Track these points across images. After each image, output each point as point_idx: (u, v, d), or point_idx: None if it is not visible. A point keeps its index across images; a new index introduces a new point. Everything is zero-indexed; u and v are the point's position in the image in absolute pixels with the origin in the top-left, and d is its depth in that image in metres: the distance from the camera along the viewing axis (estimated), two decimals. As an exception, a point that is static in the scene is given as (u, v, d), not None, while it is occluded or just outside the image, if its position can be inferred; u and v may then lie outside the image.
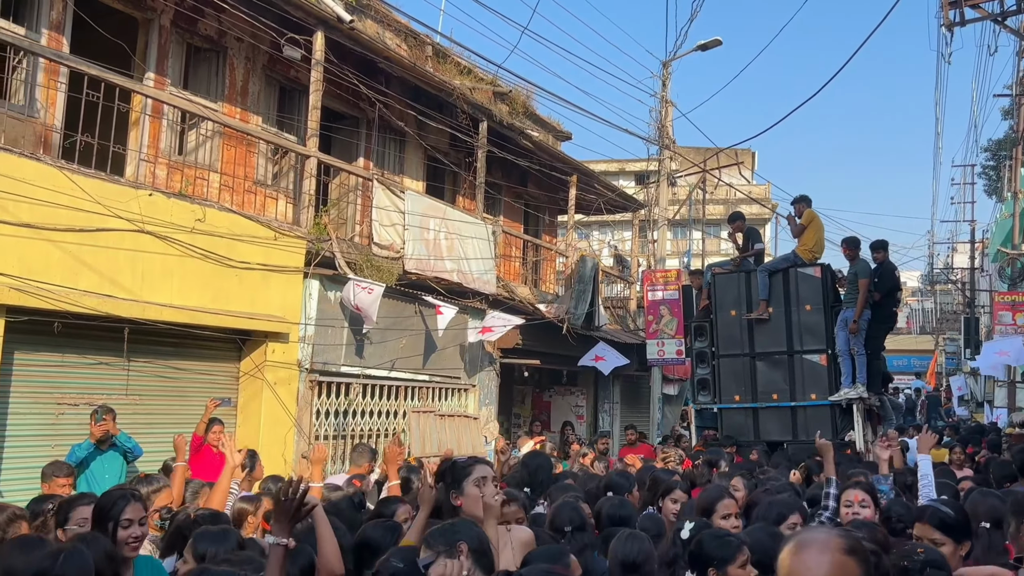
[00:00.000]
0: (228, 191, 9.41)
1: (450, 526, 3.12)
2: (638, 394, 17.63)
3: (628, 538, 3.56)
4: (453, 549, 2.95)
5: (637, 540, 3.54)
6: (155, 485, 5.60)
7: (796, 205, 10.87)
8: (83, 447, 6.74)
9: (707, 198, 26.35)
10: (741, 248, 11.42)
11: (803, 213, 10.60)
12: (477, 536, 3.10)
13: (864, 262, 10.04)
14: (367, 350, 10.17)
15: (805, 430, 9.78)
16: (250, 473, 6.83)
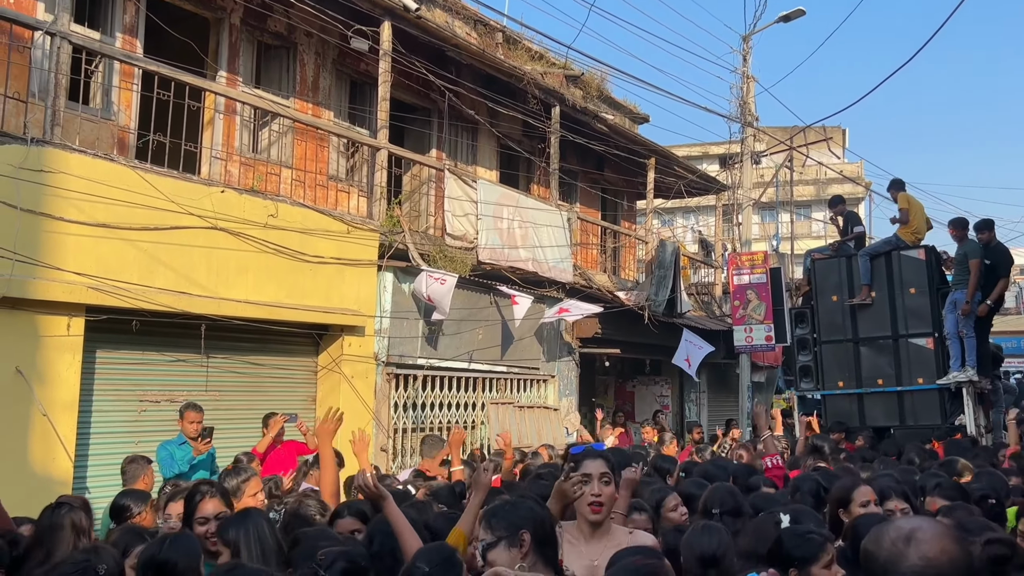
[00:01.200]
0: (301, 186, 9.42)
1: (513, 507, 2.82)
2: (726, 382, 17.08)
3: (704, 530, 3.22)
4: (515, 537, 2.70)
5: (715, 532, 3.22)
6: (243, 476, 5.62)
7: (891, 191, 10.78)
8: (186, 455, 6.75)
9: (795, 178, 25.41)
10: (841, 232, 11.25)
11: (898, 199, 10.45)
12: (544, 523, 2.81)
13: (974, 242, 9.79)
14: (442, 342, 10.07)
15: (913, 415, 9.82)
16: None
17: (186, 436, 6.93)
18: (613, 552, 2.97)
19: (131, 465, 5.91)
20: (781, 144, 17.64)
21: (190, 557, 3.01)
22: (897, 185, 10.77)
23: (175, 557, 2.97)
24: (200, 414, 7.03)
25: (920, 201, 10.74)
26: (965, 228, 9.93)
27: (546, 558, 2.75)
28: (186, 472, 6.78)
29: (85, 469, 6.97)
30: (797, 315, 11.15)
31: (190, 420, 6.91)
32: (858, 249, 10.72)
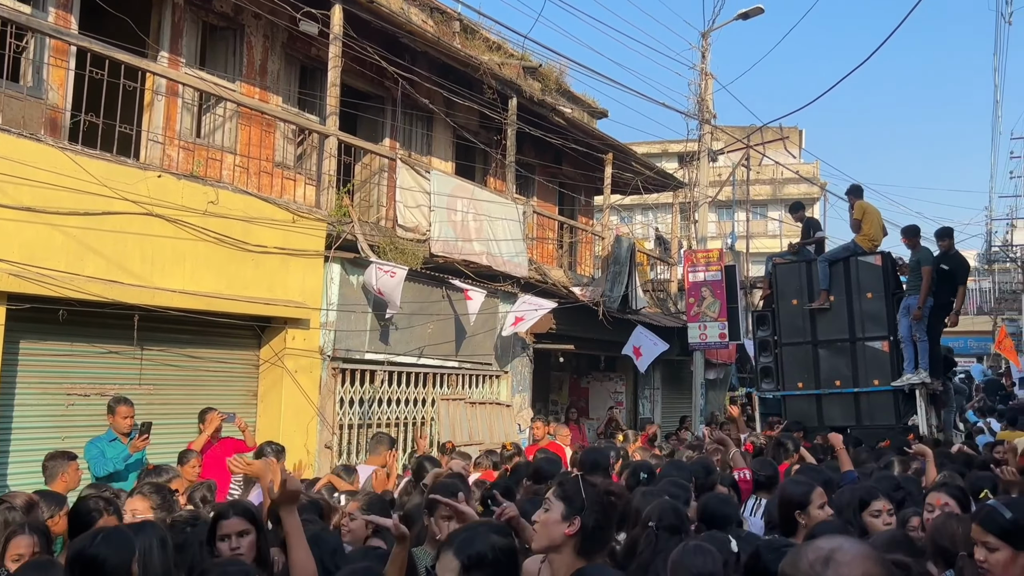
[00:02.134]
0: (245, 173, 9.08)
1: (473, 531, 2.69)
2: (680, 379, 17.07)
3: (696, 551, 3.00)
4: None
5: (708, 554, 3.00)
6: (166, 476, 5.34)
7: (848, 197, 11.05)
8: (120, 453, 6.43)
9: (752, 178, 25.53)
10: (802, 236, 11.58)
11: (854, 206, 10.73)
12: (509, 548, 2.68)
13: (927, 250, 10.14)
14: (392, 336, 9.81)
15: (869, 415, 10.05)
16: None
17: (117, 432, 6.61)
18: None
19: (51, 462, 5.57)
20: (738, 142, 17.64)
21: (122, 554, 2.82)
22: (855, 192, 11.00)
23: (105, 553, 2.79)
24: (132, 408, 6.72)
25: (876, 207, 10.97)
26: (917, 236, 10.22)
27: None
28: (121, 471, 6.48)
29: (6, 467, 6.62)
30: (759, 318, 11.41)
31: (122, 415, 6.59)
32: (818, 254, 10.96)
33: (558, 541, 2.77)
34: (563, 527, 2.75)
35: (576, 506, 2.77)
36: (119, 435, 6.61)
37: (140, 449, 6.50)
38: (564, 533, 2.75)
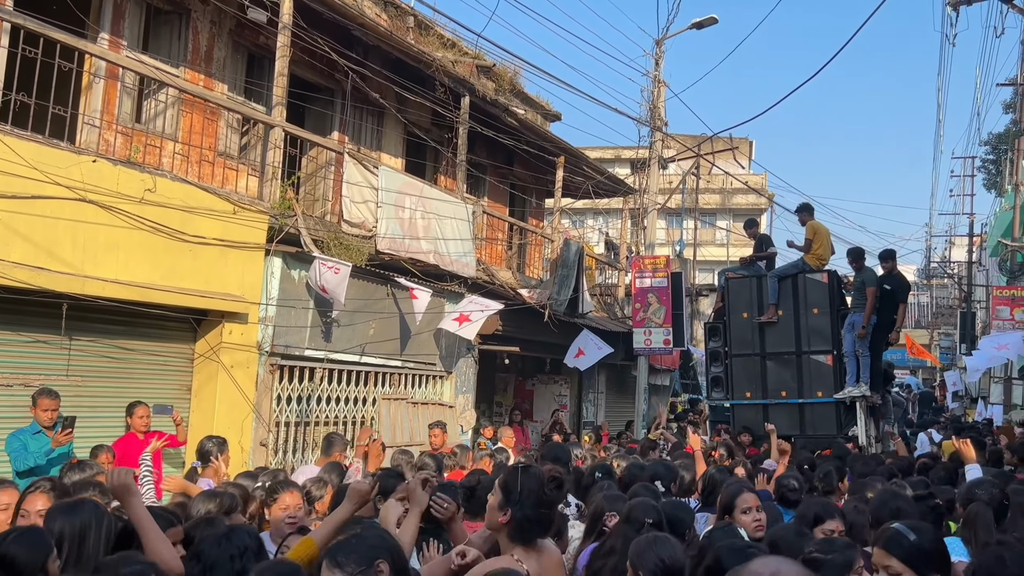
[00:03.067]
0: (186, 161, 8.83)
1: (361, 539, 2.60)
2: (624, 384, 17.15)
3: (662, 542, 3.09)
4: (371, 569, 2.47)
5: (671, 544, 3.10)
6: (89, 472, 5.13)
7: (799, 216, 11.45)
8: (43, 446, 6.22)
9: (702, 187, 25.81)
10: (754, 251, 12.10)
11: (806, 225, 11.21)
12: (397, 550, 2.63)
13: (871, 271, 10.72)
14: (335, 333, 9.64)
15: (812, 425, 10.51)
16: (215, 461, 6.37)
17: (40, 425, 6.38)
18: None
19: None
20: (689, 151, 17.82)
21: (35, 553, 2.76)
22: (806, 210, 11.42)
23: (16, 552, 2.73)
24: (56, 401, 6.48)
25: (825, 227, 11.46)
26: (862, 258, 10.85)
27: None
28: (43, 466, 6.24)
29: (-82, 459, 6.31)
30: (711, 329, 11.85)
31: (44, 408, 6.38)
32: (769, 269, 11.38)
33: (496, 527, 3.09)
34: (498, 515, 3.04)
35: (512, 498, 3.02)
36: (42, 428, 6.38)
37: (62, 444, 6.29)
38: (499, 521, 3.04)
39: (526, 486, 3.03)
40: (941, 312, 39.59)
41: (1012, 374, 19.73)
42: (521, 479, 3.05)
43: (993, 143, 34.68)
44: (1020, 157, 21.41)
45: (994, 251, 25.25)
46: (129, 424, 7.32)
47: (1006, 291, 19.37)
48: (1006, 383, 20.29)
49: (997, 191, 31.86)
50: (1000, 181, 29.47)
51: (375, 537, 2.65)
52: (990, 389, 22.40)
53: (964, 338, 25.52)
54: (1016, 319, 18.10)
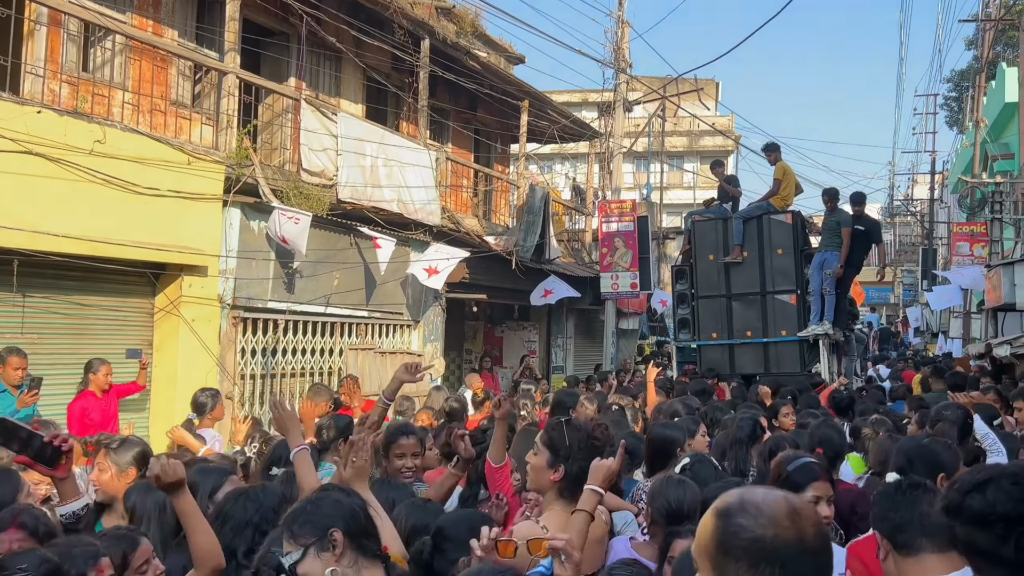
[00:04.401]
0: (137, 111, 8.55)
1: (315, 505, 2.43)
2: (592, 328, 17.26)
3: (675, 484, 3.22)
4: (325, 540, 2.32)
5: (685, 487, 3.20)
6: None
7: (767, 155, 11.50)
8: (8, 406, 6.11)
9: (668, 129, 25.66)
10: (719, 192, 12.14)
11: (776, 166, 11.27)
12: (356, 512, 2.42)
13: (845, 212, 10.84)
14: (298, 285, 9.54)
15: (776, 364, 10.64)
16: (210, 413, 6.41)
17: (7, 384, 6.32)
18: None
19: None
20: (654, 92, 17.67)
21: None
22: (774, 150, 11.50)
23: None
24: (24, 360, 6.43)
25: (792, 167, 11.58)
26: (836, 199, 10.98)
27: (367, 552, 2.38)
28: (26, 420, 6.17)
29: None
30: (677, 272, 11.84)
31: (14, 367, 6.32)
32: (735, 210, 11.42)
33: (545, 486, 2.95)
34: (548, 474, 2.91)
35: (562, 455, 2.91)
36: (9, 387, 6.32)
37: (28, 405, 6.22)
38: (550, 479, 2.91)
39: (574, 439, 2.93)
40: (904, 249, 40.15)
41: (971, 309, 20.13)
42: (568, 433, 2.95)
43: (955, 80, 34.84)
44: (981, 94, 21.53)
45: (955, 188, 25.56)
46: (90, 381, 7.20)
47: (966, 227, 19.66)
48: (965, 317, 20.70)
49: (959, 128, 32.10)
50: (962, 118, 29.67)
51: (329, 502, 2.44)
52: (950, 324, 22.86)
53: (925, 274, 25.92)
54: (975, 255, 18.43)
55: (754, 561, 1.40)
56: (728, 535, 1.45)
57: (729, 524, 1.45)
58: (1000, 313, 13.87)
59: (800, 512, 1.45)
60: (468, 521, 2.72)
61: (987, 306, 14.14)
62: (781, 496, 1.48)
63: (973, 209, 18.41)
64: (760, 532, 1.41)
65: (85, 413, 6.73)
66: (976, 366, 10.95)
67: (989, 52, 21.85)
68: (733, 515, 1.46)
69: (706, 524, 1.49)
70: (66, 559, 2.31)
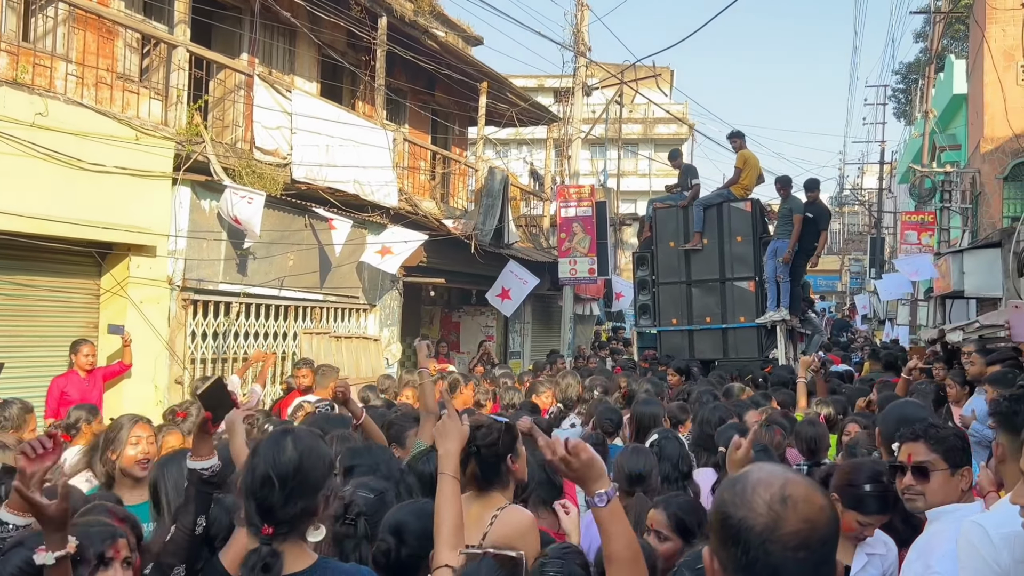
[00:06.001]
0: (81, 83, 8.18)
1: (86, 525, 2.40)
2: (549, 314, 17.20)
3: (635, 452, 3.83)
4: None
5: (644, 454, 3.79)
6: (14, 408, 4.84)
7: (731, 142, 11.60)
8: None
9: (624, 116, 25.64)
10: (679, 181, 12.18)
11: (737, 157, 11.35)
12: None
13: (797, 199, 10.90)
14: (251, 266, 9.27)
15: (735, 349, 10.80)
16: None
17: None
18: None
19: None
20: (612, 77, 17.60)
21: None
22: (739, 137, 11.58)
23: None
24: None
25: (756, 156, 11.62)
26: (789, 186, 11.08)
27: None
28: None
29: None
30: (639, 259, 11.90)
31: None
32: (694, 200, 11.48)
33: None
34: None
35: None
36: None
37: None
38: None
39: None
40: (852, 238, 40.94)
41: (918, 296, 20.55)
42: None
43: (904, 72, 35.49)
44: (930, 85, 21.92)
45: (903, 177, 26.06)
46: (72, 361, 7.04)
47: (914, 216, 20.04)
48: (912, 305, 21.14)
49: (907, 120, 32.72)
50: (910, 110, 30.22)
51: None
52: (897, 311, 23.35)
53: (873, 263, 26.42)
54: (923, 243, 18.80)
55: (722, 538, 1.40)
56: (713, 508, 1.47)
57: (718, 497, 1.46)
58: (948, 300, 14.14)
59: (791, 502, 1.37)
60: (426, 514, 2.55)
61: (936, 293, 14.41)
62: (782, 482, 1.40)
63: (923, 197, 18.75)
64: (730, 511, 1.40)
65: (64, 392, 6.68)
66: (929, 351, 11.12)
67: (938, 45, 22.23)
68: (724, 489, 1.46)
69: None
70: (84, 538, 2.26)
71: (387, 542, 2.48)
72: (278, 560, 2.04)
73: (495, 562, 2.14)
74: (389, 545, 2.47)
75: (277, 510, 2.07)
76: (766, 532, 1.35)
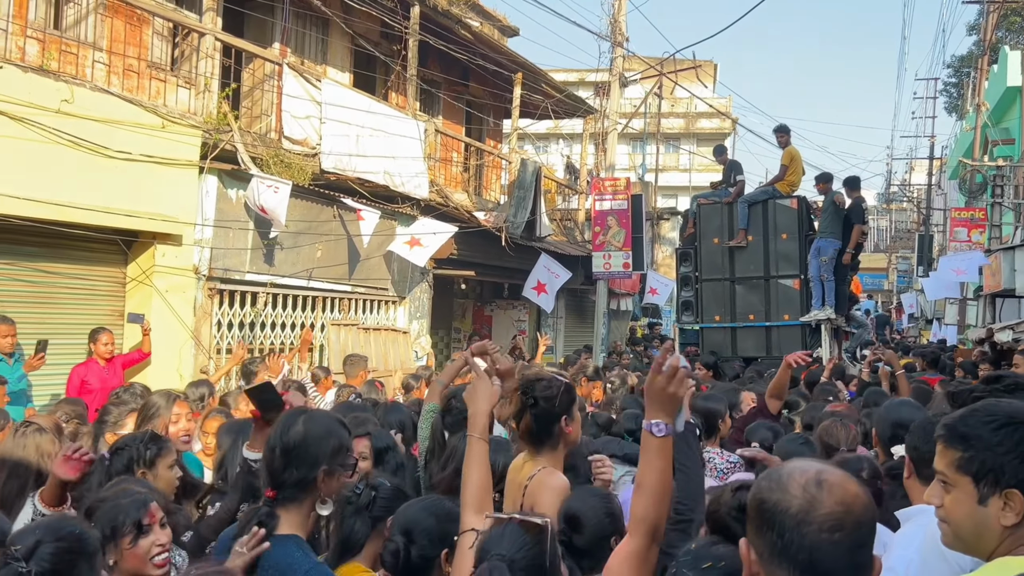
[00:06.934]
0: (109, 71, 8.16)
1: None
2: (583, 309, 16.97)
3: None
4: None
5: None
6: None
7: (777, 137, 11.50)
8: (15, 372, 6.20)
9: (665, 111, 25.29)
10: (723, 177, 12.04)
11: (783, 154, 11.25)
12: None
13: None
14: (278, 256, 9.21)
15: (778, 347, 10.59)
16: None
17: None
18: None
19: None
20: (651, 68, 17.28)
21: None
22: (785, 132, 11.47)
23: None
24: (13, 327, 6.39)
25: (803, 155, 11.60)
26: (830, 182, 10.98)
27: None
28: (24, 389, 6.31)
29: None
30: (682, 255, 11.89)
31: (3, 334, 6.29)
32: (738, 196, 11.42)
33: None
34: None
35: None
36: (3, 355, 6.28)
37: (36, 368, 6.41)
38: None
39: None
40: (899, 236, 39.96)
41: (967, 295, 19.89)
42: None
43: (956, 66, 34.49)
44: (983, 77, 21.20)
45: (954, 173, 25.28)
46: (91, 350, 7.05)
47: (964, 212, 19.40)
48: (961, 304, 20.47)
49: (958, 115, 31.78)
50: (961, 104, 29.34)
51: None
52: (945, 310, 22.64)
53: (921, 260, 25.68)
54: (973, 240, 18.17)
55: (758, 524, 1.44)
56: (750, 497, 1.50)
57: (755, 486, 1.50)
58: (998, 299, 13.63)
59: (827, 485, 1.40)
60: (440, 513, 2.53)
61: (986, 292, 13.89)
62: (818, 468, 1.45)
63: (973, 193, 18.13)
64: (766, 495, 1.44)
65: (84, 381, 6.69)
66: (977, 351, 10.70)
67: (992, 36, 21.48)
68: (762, 478, 1.50)
69: None
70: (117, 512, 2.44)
71: (395, 542, 2.41)
72: (274, 520, 2.27)
73: (520, 527, 2.07)
74: (398, 545, 2.40)
75: (278, 476, 2.32)
76: (801, 514, 1.38)
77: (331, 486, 2.37)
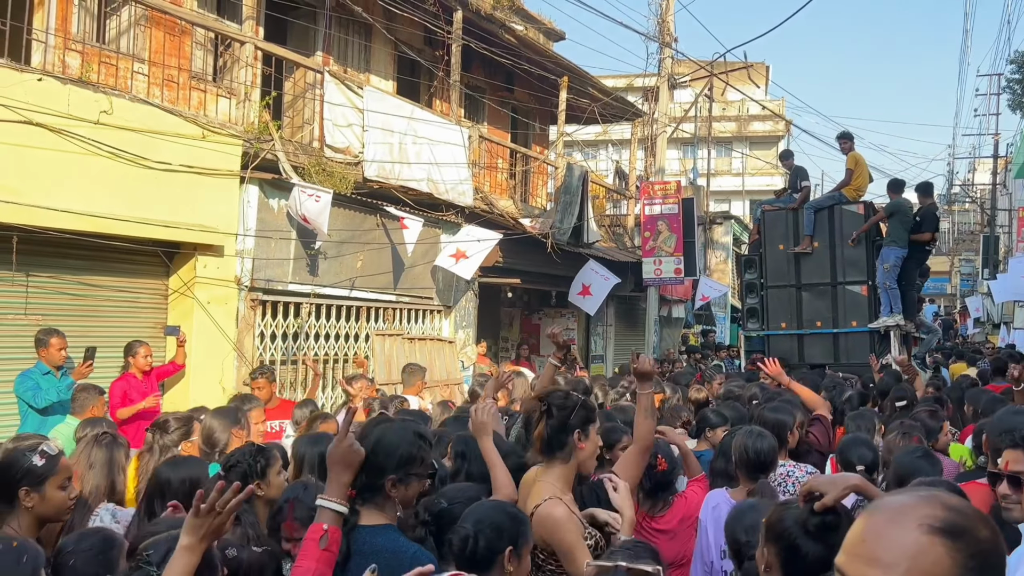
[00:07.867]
0: (149, 82, 8.14)
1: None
2: (633, 316, 16.58)
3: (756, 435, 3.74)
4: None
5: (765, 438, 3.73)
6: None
7: (840, 144, 11.42)
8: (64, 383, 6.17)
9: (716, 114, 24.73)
10: (789, 182, 11.99)
11: (847, 159, 11.08)
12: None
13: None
14: (321, 266, 9.08)
15: (846, 354, 10.61)
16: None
17: (50, 366, 6.27)
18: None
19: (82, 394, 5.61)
20: (701, 69, 16.87)
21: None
22: (848, 139, 11.37)
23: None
24: (65, 340, 6.39)
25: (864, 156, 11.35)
26: (900, 190, 10.76)
27: None
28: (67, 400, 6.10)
29: None
30: (746, 261, 11.87)
31: (58, 347, 6.33)
32: (804, 202, 11.34)
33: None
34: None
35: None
36: (52, 368, 6.28)
37: (84, 376, 6.37)
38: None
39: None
40: (962, 238, 38.58)
41: (1038, 298, 18.96)
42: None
43: (1020, 61, 33.19)
44: (1052, 71, 20.23)
45: (1020, 172, 24.26)
46: (130, 363, 6.98)
47: (1034, 212, 18.51)
48: (1031, 308, 19.55)
49: (1022, 112, 30.52)
50: (1027, 100, 28.13)
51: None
52: (1014, 313, 21.66)
53: (986, 263, 24.65)
54: (1044, 241, 17.32)
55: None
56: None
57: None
58: (1074, 302, 12.92)
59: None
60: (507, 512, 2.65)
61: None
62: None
63: (1042, 192, 17.26)
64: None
65: (126, 395, 6.63)
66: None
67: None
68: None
69: None
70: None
71: (466, 529, 2.52)
72: (355, 515, 2.43)
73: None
74: (468, 532, 2.50)
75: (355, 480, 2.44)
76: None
77: (403, 494, 2.51)
